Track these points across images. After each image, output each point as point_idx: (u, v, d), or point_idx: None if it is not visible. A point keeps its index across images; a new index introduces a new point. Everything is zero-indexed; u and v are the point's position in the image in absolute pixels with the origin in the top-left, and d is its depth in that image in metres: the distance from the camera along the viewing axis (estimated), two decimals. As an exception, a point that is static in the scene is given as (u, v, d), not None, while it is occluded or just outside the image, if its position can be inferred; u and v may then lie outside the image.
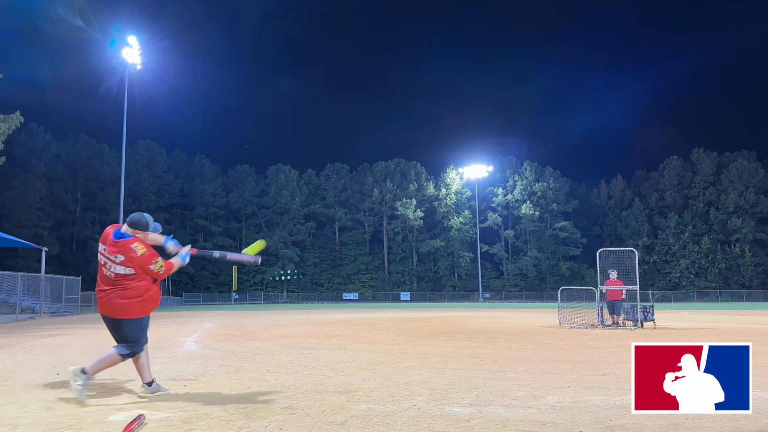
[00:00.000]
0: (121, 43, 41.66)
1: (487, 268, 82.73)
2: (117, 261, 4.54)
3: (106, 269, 4.58)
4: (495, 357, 7.84)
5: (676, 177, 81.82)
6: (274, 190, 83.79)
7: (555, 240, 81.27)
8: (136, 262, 4.53)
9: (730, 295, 69.19)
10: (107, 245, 4.59)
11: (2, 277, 22.30)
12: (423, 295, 77.00)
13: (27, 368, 6.75)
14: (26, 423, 3.83)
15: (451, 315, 24.80)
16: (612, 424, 3.81)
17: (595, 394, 4.91)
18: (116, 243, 4.56)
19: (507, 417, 4.02)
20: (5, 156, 34.53)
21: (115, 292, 4.57)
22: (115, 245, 4.55)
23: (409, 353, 8.35)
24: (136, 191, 76.50)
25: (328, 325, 16.38)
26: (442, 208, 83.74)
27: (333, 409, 4.28)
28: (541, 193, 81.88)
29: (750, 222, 74.19)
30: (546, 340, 10.61)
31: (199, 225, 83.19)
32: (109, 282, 4.58)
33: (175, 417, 4.00)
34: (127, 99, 41.02)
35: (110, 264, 4.56)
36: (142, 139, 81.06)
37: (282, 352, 8.50)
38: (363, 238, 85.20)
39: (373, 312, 30.35)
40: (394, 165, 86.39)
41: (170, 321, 20.04)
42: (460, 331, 13.57)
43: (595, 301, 14.59)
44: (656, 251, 77.23)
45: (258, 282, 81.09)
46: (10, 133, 31.97)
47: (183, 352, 8.60)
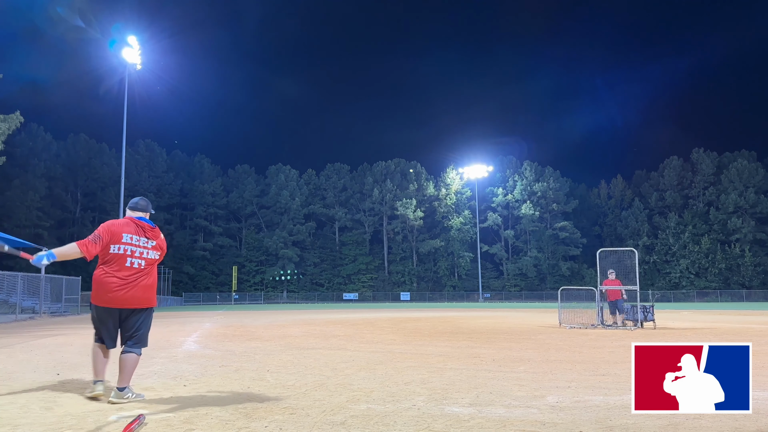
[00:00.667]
0: (121, 43, 41.68)
1: (487, 268, 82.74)
2: (149, 246, 4.70)
3: (133, 258, 4.59)
4: (495, 357, 7.83)
5: (676, 177, 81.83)
6: (274, 190, 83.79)
7: (555, 240, 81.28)
8: (163, 246, 4.85)
9: (730, 295, 69.20)
10: (143, 232, 4.69)
11: (2, 277, 22.29)
12: (423, 295, 77.01)
13: (27, 368, 6.75)
14: (26, 423, 3.83)
15: (451, 315, 24.80)
16: (612, 424, 3.80)
17: (595, 394, 4.91)
18: (153, 229, 4.80)
19: (507, 417, 4.02)
20: (5, 156, 34.53)
21: (144, 279, 4.64)
22: (153, 230, 4.78)
23: (409, 353, 8.35)
24: (136, 191, 76.40)
25: (328, 325, 16.38)
26: (442, 208, 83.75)
27: (333, 409, 4.28)
28: (541, 193, 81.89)
29: (750, 222, 74.20)
30: (546, 340, 10.61)
31: (199, 225, 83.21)
32: (135, 271, 4.59)
33: (175, 417, 4.00)
34: (127, 99, 41.06)
35: (141, 251, 4.64)
36: (142, 139, 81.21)
37: (282, 352, 8.50)
38: (363, 238, 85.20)
39: (373, 312, 30.35)
40: (394, 165, 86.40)
41: (170, 321, 20.04)
42: (460, 331, 13.57)
43: (595, 301, 14.59)
44: (656, 251, 77.24)
45: (258, 282, 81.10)
46: (10, 133, 31.99)
47: (183, 352, 8.60)
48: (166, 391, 5.11)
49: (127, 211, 4.85)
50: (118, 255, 4.57)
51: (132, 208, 4.84)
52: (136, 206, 4.85)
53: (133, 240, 4.62)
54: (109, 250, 4.56)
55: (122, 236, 4.61)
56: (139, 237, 4.67)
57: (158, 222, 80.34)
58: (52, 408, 4.31)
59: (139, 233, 4.68)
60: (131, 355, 4.60)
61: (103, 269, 4.56)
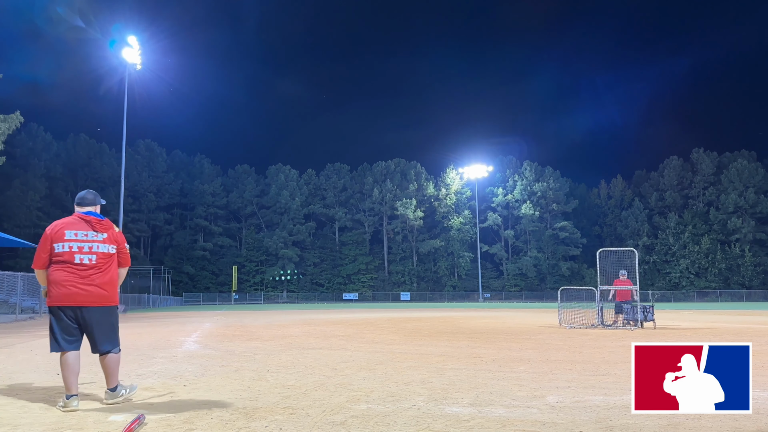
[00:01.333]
0: (121, 43, 41.64)
1: (487, 268, 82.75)
2: (100, 239, 4.45)
3: (82, 254, 4.38)
4: (495, 357, 7.83)
5: (676, 177, 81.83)
6: (274, 190, 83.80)
7: (555, 240, 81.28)
8: (118, 239, 4.56)
9: (730, 295, 69.21)
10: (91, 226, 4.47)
11: (2, 277, 22.29)
12: (423, 295, 77.02)
13: (27, 368, 6.75)
14: (26, 423, 3.83)
15: (451, 315, 24.80)
16: (612, 424, 3.80)
17: (595, 394, 4.91)
18: (101, 221, 4.53)
19: (507, 417, 4.02)
20: (5, 156, 34.52)
21: (97, 275, 4.40)
22: (101, 223, 4.52)
23: (409, 353, 8.35)
24: (136, 191, 76.53)
25: (328, 325, 16.38)
26: (442, 208, 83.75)
27: (333, 409, 4.28)
28: (541, 193, 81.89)
29: (750, 222, 74.21)
30: (546, 340, 10.61)
31: (199, 225, 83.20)
32: (87, 267, 4.38)
33: (175, 417, 4.00)
34: (127, 99, 41.01)
35: (91, 245, 4.41)
36: (142, 139, 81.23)
37: (282, 352, 8.50)
38: (363, 238, 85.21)
39: (373, 312, 30.35)
40: (394, 165, 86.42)
41: (170, 321, 20.05)
42: (460, 331, 13.57)
43: (595, 301, 14.58)
44: (656, 251, 77.25)
45: (258, 282, 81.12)
46: (10, 133, 31.96)
47: (183, 352, 8.60)
48: (166, 391, 5.10)
49: (75, 207, 4.64)
50: (65, 253, 4.39)
51: (79, 204, 4.62)
52: (82, 201, 4.62)
53: (79, 236, 4.41)
54: (55, 249, 4.40)
55: (65, 234, 4.42)
56: (86, 232, 4.45)
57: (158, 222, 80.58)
58: (52, 408, 4.31)
59: (86, 228, 4.46)
60: (110, 355, 4.44)
61: (54, 268, 4.40)
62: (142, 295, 50.42)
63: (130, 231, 73.97)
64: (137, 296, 48.48)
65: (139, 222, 77.11)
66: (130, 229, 73.24)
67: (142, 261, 74.72)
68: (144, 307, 47.57)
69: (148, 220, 78.79)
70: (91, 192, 4.73)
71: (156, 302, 55.63)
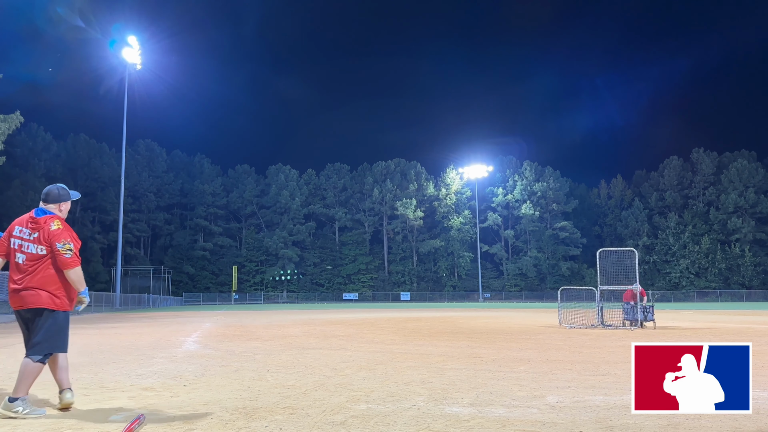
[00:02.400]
0: (121, 43, 41.71)
1: (487, 268, 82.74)
2: (31, 239, 4.12)
3: (19, 252, 4.14)
4: (495, 357, 7.83)
5: (676, 177, 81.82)
6: (274, 190, 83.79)
7: (555, 240, 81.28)
8: (46, 237, 4.09)
9: (730, 295, 69.21)
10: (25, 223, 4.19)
11: (2, 277, 22.29)
12: (423, 295, 77.01)
13: (27, 368, 6.74)
14: (26, 423, 3.84)
15: (451, 315, 24.80)
16: (612, 424, 3.80)
17: (595, 394, 4.91)
18: (36, 219, 4.17)
19: (507, 417, 4.02)
20: (5, 156, 34.51)
21: (28, 277, 4.08)
22: (36, 222, 4.16)
23: (409, 353, 8.35)
24: (136, 191, 76.52)
25: (328, 325, 16.38)
26: (442, 208, 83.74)
27: (333, 409, 4.28)
28: (541, 193, 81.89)
29: (750, 222, 74.21)
30: (546, 340, 10.61)
31: (199, 225, 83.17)
32: (22, 267, 4.11)
33: (175, 417, 4.00)
34: (127, 99, 41.08)
35: (24, 244, 4.12)
36: (142, 139, 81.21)
37: (282, 352, 8.50)
38: (363, 238, 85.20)
39: (373, 312, 30.36)
40: (394, 165, 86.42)
41: (170, 321, 20.05)
42: (460, 331, 13.57)
43: (595, 301, 14.58)
44: (656, 251, 77.24)
45: (258, 282, 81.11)
46: (10, 133, 31.95)
47: (183, 352, 8.60)
48: (166, 391, 5.11)
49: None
50: (12, 250, 4.18)
51: (42, 200, 4.30)
52: (45, 197, 4.29)
53: (22, 233, 4.16)
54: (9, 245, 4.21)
55: (14, 228, 4.21)
56: (22, 228, 4.17)
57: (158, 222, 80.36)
58: (52, 408, 4.31)
59: (27, 225, 4.16)
60: (25, 361, 4.07)
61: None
62: (142, 295, 50.44)
63: (130, 231, 73.97)
64: (137, 296, 48.50)
65: (139, 222, 77.12)
66: (130, 229, 73.23)
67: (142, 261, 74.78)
68: (144, 307, 47.58)
69: (148, 220, 78.79)
70: (57, 187, 4.37)
71: (156, 302, 55.62)
